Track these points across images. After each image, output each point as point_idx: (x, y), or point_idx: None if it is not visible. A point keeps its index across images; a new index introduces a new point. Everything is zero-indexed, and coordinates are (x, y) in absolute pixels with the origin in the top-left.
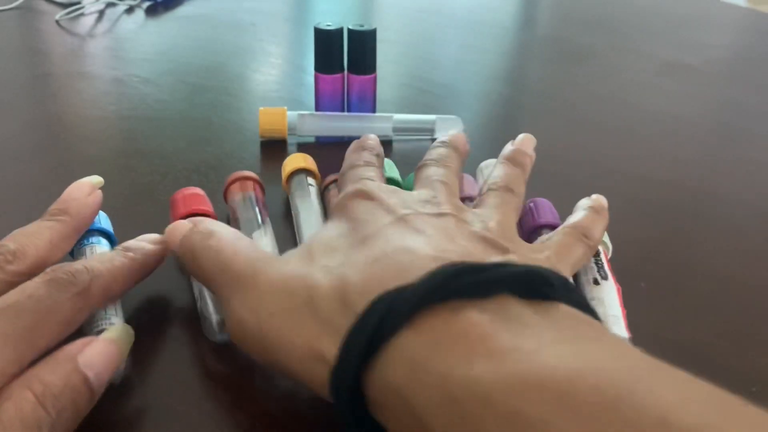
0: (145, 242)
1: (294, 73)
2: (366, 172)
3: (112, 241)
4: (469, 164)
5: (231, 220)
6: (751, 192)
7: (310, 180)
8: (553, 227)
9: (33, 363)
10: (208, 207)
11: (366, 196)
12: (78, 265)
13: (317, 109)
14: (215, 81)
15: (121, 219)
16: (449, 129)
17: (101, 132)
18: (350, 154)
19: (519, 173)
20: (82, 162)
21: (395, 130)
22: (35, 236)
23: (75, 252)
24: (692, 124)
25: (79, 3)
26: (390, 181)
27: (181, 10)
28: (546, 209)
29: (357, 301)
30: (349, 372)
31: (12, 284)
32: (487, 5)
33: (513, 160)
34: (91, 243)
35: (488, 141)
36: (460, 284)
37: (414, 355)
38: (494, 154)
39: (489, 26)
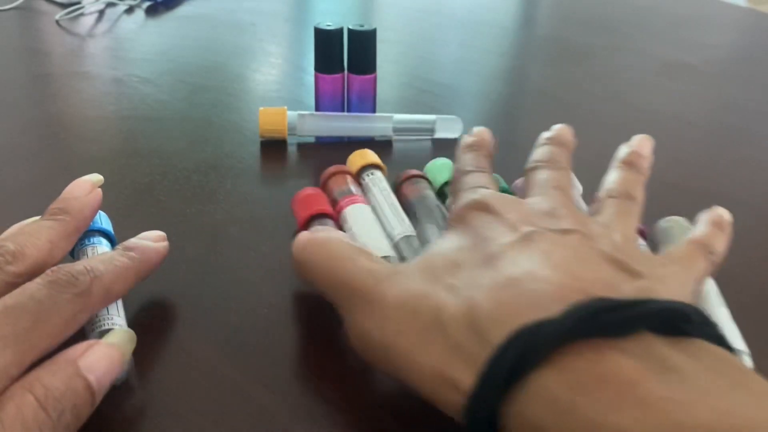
0: (147, 240)
1: (294, 73)
2: (479, 179)
3: (113, 241)
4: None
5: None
6: (751, 192)
7: (379, 174)
8: None
9: (34, 365)
10: (328, 207)
11: (485, 208)
12: (79, 266)
13: (317, 109)
14: (215, 81)
15: (121, 219)
16: (449, 129)
17: (101, 132)
18: (462, 155)
19: (638, 178)
20: (82, 162)
21: (395, 130)
22: (35, 236)
23: (75, 252)
24: (692, 124)
25: (79, 3)
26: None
27: (181, 10)
28: None
29: (490, 331)
30: (486, 404)
31: (12, 285)
32: (487, 5)
33: (630, 163)
34: (92, 243)
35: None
36: (600, 322)
37: (557, 395)
38: (494, 153)
39: (489, 26)
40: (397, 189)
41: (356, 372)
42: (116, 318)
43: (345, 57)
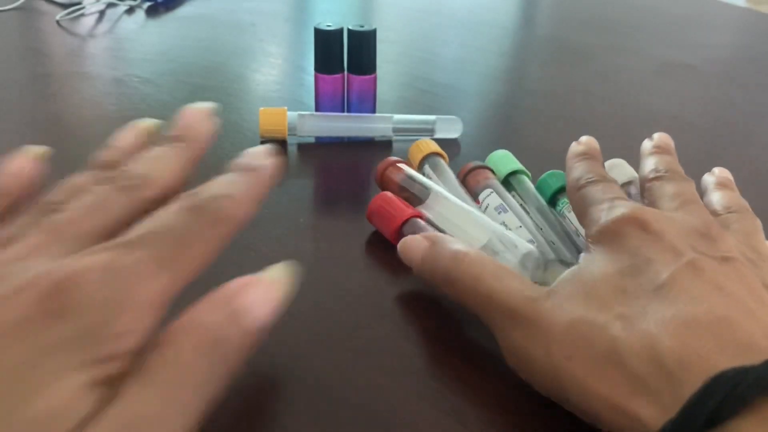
0: (261, 157)
1: (294, 74)
2: (614, 190)
3: None
4: (465, 164)
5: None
6: (751, 192)
7: (443, 163)
8: None
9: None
10: (412, 209)
11: (641, 224)
12: (206, 192)
13: (317, 109)
14: (215, 81)
15: None
16: (449, 129)
17: (101, 132)
18: (576, 164)
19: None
20: (82, 162)
21: (395, 130)
22: (161, 161)
23: None
24: (692, 124)
25: (79, 3)
26: None
27: (181, 11)
28: None
29: (680, 372)
30: None
31: (140, 211)
32: (487, 5)
33: (725, 184)
34: None
35: (488, 141)
36: None
37: None
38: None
39: (489, 26)
40: (462, 180)
41: (356, 372)
42: None
43: (345, 57)
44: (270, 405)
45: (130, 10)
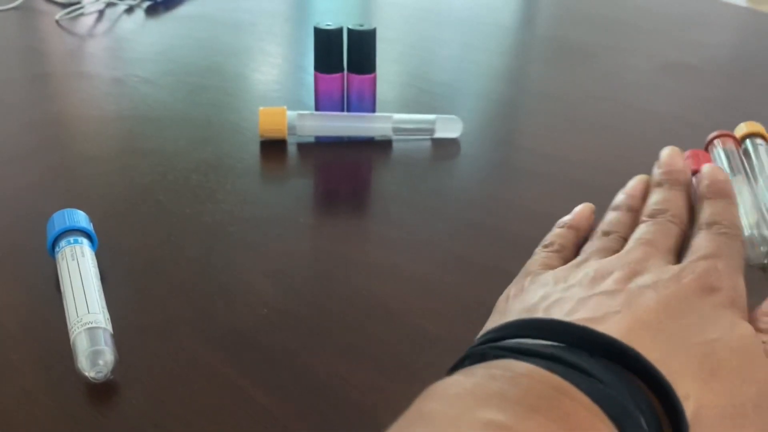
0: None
1: (294, 73)
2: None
3: (93, 241)
4: (465, 164)
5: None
6: None
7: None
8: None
9: None
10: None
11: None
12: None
13: (317, 109)
14: (215, 81)
15: (122, 219)
16: (449, 129)
17: (101, 132)
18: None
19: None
20: (82, 162)
21: (395, 130)
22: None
23: (56, 252)
24: (692, 123)
25: (79, 3)
26: None
27: (181, 10)
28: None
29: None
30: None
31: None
32: (487, 5)
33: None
34: (72, 243)
35: (488, 141)
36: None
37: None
38: (494, 154)
39: (489, 26)
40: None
41: (356, 371)
42: (98, 315)
43: (345, 57)
44: (269, 404)
45: (130, 10)
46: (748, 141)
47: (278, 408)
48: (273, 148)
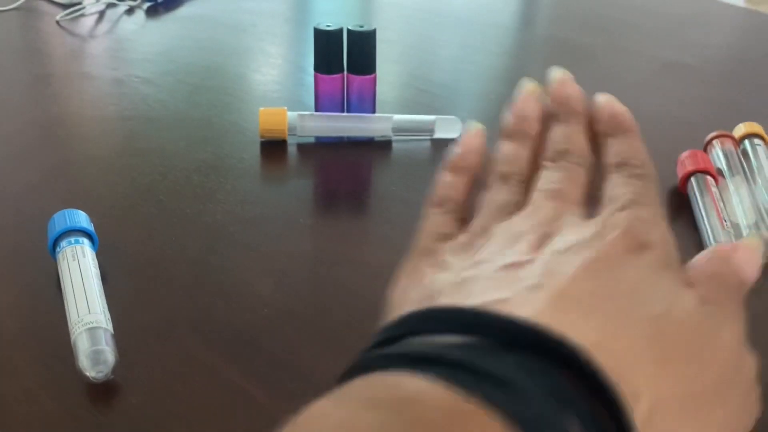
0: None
1: (294, 74)
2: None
3: (94, 241)
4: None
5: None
6: None
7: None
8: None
9: None
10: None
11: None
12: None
13: (317, 109)
14: (215, 81)
15: (122, 219)
16: (449, 129)
17: (101, 132)
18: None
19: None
20: (82, 162)
21: (395, 130)
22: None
23: (57, 253)
24: (691, 123)
25: (79, 3)
26: None
27: (181, 11)
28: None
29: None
30: None
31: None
32: (487, 5)
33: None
34: (74, 244)
35: (488, 141)
36: None
37: None
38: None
39: (489, 26)
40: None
41: None
42: (99, 315)
43: (345, 57)
44: (269, 404)
45: (130, 11)
46: (746, 141)
47: (278, 408)
48: (273, 148)
